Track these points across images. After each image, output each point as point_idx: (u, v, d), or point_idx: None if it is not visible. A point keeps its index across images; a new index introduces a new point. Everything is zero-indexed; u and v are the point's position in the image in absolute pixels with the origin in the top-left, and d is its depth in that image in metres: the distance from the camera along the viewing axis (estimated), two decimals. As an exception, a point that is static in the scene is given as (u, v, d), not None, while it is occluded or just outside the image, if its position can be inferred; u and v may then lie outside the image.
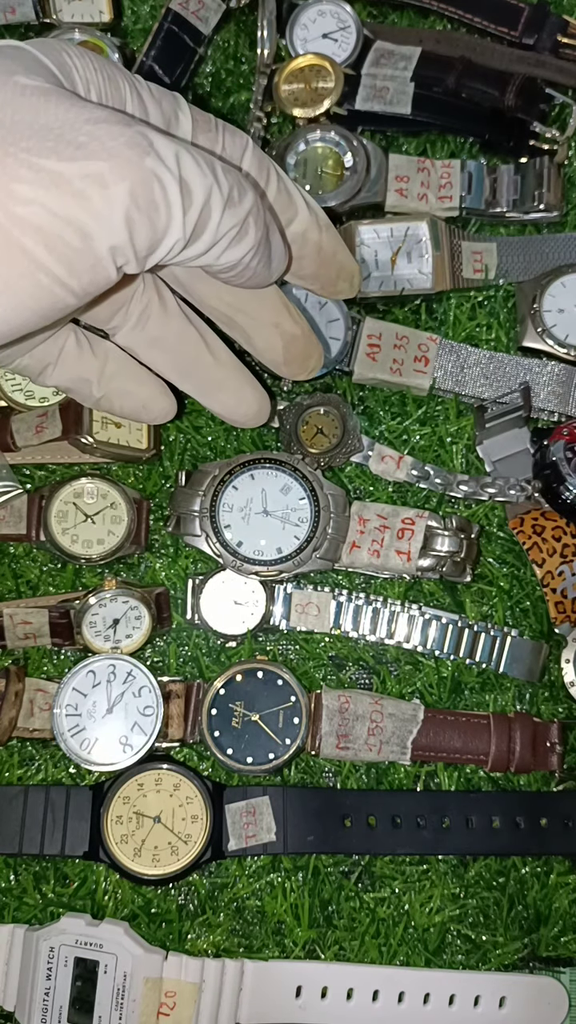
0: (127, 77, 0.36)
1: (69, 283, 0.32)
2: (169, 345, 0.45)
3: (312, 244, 0.44)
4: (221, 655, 0.55)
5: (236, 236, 0.36)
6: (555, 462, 0.54)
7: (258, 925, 0.52)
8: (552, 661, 0.55)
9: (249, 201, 0.36)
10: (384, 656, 0.55)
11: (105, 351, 0.45)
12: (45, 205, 0.30)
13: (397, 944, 0.52)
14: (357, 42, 0.62)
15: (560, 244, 0.60)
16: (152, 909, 0.52)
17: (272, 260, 0.39)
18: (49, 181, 0.30)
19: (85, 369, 0.44)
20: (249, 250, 0.37)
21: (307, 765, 0.54)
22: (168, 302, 0.44)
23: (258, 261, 0.38)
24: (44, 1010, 0.49)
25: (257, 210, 0.36)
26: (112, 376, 0.45)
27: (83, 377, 0.45)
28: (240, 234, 0.36)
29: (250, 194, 0.36)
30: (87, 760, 0.51)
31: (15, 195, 0.30)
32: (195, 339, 0.45)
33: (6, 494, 0.55)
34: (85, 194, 0.31)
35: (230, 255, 0.36)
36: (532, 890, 0.53)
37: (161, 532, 0.56)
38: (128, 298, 0.43)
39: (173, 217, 0.33)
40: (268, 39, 0.63)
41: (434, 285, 0.58)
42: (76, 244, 0.31)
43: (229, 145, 0.39)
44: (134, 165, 0.31)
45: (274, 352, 0.46)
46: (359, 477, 0.57)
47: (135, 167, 0.31)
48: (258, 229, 0.37)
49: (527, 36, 0.63)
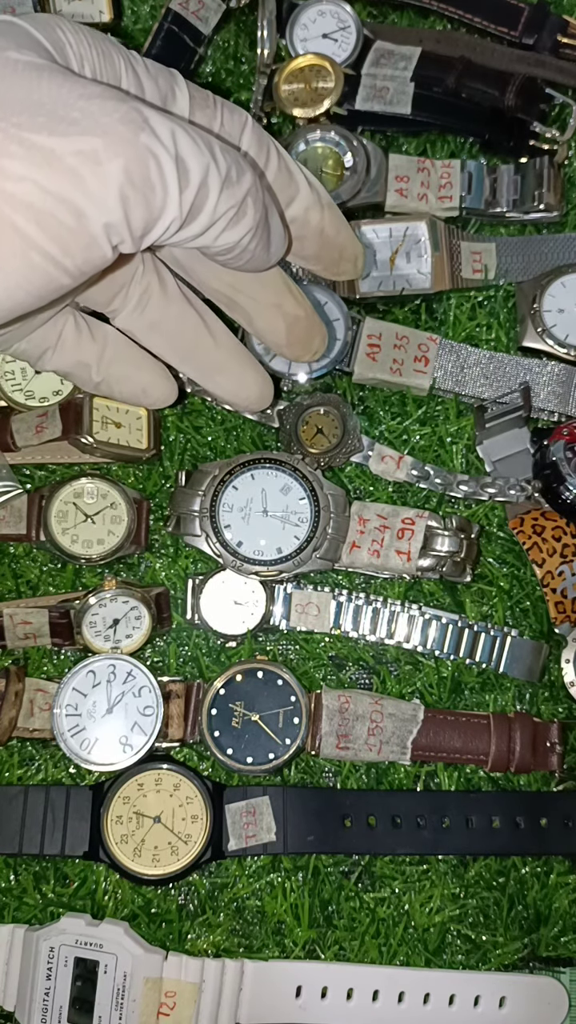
0: (123, 53, 0.36)
1: (63, 262, 0.32)
2: (169, 328, 0.44)
3: (314, 224, 0.43)
4: (221, 655, 0.55)
5: (234, 217, 0.35)
6: (555, 462, 0.54)
7: (258, 925, 0.52)
8: (552, 661, 0.55)
9: (247, 181, 0.35)
10: (384, 656, 0.55)
11: (104, 335, 0.45)
12: (37, 182, 0.30)
13: (397, 944, 0.52)
14: (357, 42, 0.62)
15: (560, 244, 0.60)
16: (152, 909, 0.52)
17: (271, 243, 0.38)
18: (41, 158, 0.30)
19: (84, 353, 0.44)
20: (247, 232, 0.36)
21: (307, 765, 0.54)
22: (168, 284, 0.44)
23: (256, 243, 0.37)
24: (44, 1010, 0.49)
25: (256, 191, 0.36)
26: (111, 360, 0.45)
27: (82, 362, 0.44)
28: (238, 215, 0.35)
29: (248, 174, 0.35)
30: (87, 760, 0.51)
31: (6, 172, 0.30)
32: (196, 322, 0.44)
33: (6, 494, 0.55)
34: (78, 171, 0.30)
35: (227, 236, 0.36)
36: (532, 890, 0.53)
37: (161, 532, 0.56)
38: (128, 280, 0.42)
39: (169, 196, 0.32)
40: (268, 39, 0.63)
41: (433, 285, 0.58)
42: (69, 222, 0.31)
43: (228, 122, 0.38)
44: (128, 142, 0.31)
45: (276, 334, 0.46)
46: (359, 477, 0.57)
47: (130, 144, 0.31)
48: (256, 210, 0.36)
49: (527, 36, 0.63)
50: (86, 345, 0.44)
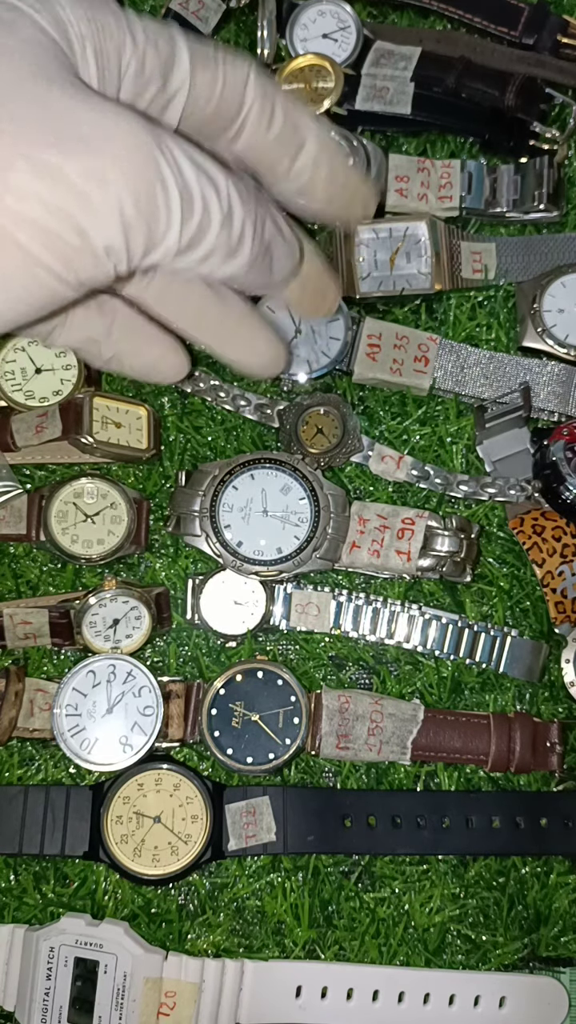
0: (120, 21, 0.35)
1: (67, 278, 0.32)
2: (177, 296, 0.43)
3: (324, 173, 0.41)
4: (221, 655, 0.55)
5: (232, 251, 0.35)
6: (555, 462, 0.54)
7: (258, 925, 0.52)
8: (552, 661, 0.55)
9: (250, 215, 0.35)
10: (384, 656, 0.55)
11: (113, 309, 0.44)
12: (42, 199, 0.30)
13: (397, 944, 0.52)
14: (357, 42, 0.62)
15: (560, 244, 0.60)
16: (152, 909, 0.52)
17: (273, 271, 0.38)
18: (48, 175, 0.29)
19: (93, 329, 0.43)
20: (242, 267, 0.36)
21: (307, 765, 0.54)
22: None
23: (254, 275, 0.37)
24: (44, 1010, 0.49)
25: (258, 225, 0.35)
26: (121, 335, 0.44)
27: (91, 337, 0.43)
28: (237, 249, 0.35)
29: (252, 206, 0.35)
30: (87, 760, 0.51)
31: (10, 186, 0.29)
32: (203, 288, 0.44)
33: (6, 494, 0.55)
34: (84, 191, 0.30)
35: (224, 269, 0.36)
36: (532, 890, 0.53)
37: (161, 532, 0.56)
38: None
39: (172, 225, 0.32)
40: (268, 39, 0.63)
41: (433, 285, 0.58)
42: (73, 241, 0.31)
43: (231, 78, 0.37)
44: (138, 165, 0.30)
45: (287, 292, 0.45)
46: (359, 477, 0.57)
47: (138, 167, 0.30)
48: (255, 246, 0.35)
49: (527, 36, 0.63)
50: (94, 320, 0.43)
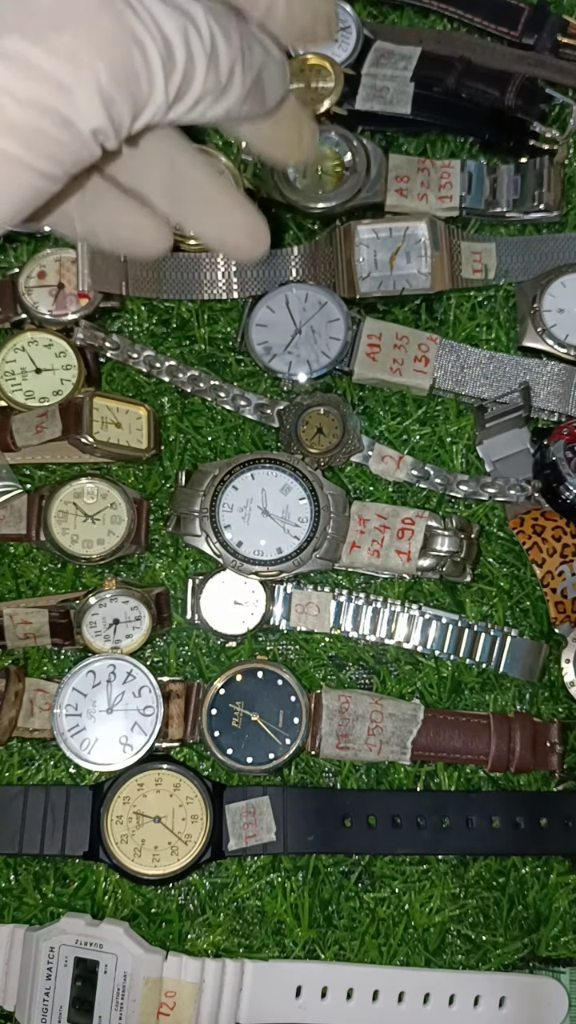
0: None
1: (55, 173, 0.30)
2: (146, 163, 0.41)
3: None
4: (221, 655, 0.55)
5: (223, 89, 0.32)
6: (555, 462, 0.54)
7: (258, 925, 0.52)
8: (552, 661, 0.55)
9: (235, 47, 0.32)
10: (384, 656, 0.55)
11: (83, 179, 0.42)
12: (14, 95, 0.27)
13: (397, 944, 0.52)
14: (357, 42, 0.62)
15: (560, 244, 0.60)
16: (152, 909, 0.52)
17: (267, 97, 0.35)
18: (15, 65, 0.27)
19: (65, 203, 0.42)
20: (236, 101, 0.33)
21: (307, 765, 0.54)
22: None
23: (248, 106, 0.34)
24: (44, 1010, 0.48)
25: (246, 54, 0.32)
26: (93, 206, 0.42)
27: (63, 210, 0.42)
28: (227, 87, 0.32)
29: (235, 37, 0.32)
30: (87, 760, 0.51)
31: None
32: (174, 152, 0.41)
33: (6, 494, 0.55)
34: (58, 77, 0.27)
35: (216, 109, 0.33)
36: (532, 890, 0.53)
37: (161, 532, 0.56)
38: None
39: (155, 85, 0.30)
40: (268, 39, 0.62)
41: (433, 285, 0.58)
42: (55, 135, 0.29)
43: None
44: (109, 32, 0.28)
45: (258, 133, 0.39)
46: (359, 477, 0.57)
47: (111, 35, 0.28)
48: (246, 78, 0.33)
49: (527, 36, 0.63)
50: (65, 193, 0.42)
